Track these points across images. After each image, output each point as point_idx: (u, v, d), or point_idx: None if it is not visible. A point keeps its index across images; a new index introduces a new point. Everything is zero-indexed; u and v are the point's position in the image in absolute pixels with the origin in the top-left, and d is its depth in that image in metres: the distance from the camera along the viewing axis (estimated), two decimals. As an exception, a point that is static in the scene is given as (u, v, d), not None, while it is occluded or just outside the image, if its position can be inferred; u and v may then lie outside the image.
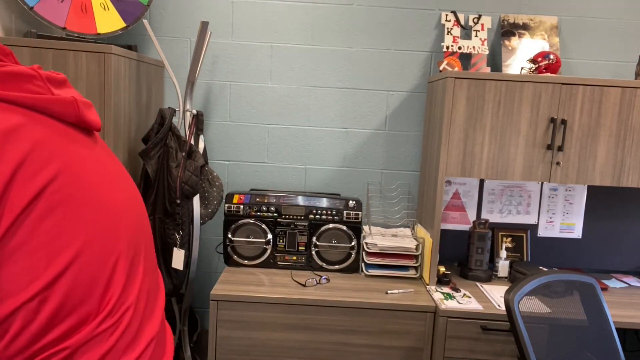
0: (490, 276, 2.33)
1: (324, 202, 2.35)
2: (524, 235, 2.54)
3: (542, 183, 2.54)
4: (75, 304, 0.65)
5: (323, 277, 2.21)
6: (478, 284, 2.28)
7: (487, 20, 2.40)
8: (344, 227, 2.32)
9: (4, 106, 0.64)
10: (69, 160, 0.68)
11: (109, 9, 2.15)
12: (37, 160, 0.63)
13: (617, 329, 2.27)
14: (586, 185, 2.55)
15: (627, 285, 2.37)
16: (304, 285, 2.14)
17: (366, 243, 2.30)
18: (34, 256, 0.62)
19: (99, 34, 2.13)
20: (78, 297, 0.66)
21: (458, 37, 2.40)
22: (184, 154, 2.11)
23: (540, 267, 2.28)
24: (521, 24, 2.42)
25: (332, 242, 2.33)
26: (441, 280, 2.22)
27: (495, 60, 2.49)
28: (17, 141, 0.62)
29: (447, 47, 2.37)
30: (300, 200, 2.35)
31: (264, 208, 2.32)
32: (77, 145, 0.72)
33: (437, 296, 2.07)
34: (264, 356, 2.03)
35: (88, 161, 0.72)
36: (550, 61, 2.21)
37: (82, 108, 0.74)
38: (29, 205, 0.61)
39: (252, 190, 2.48)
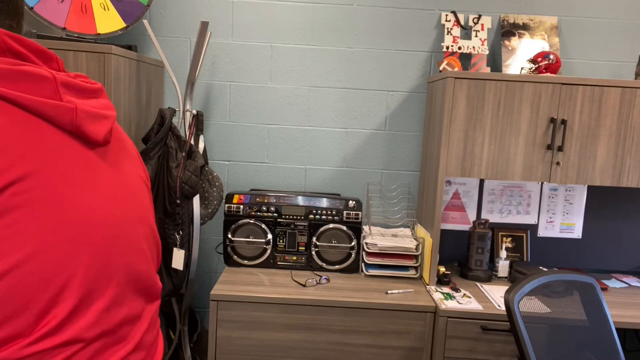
0: (490, 276, 2.33)
1: (324, 202, 2.35)
2: (524, 235, 2.54)
3: (542, 183, 2.54)
4: (5, 316, 0.61)
5: (323, 277, 2.21)
6: (478, 284, 2.28)
7: (487, 20, 2.40)
8: (344, 227, 2.32)
9: None
10: (47, 166, 0.65)
11: (109, 9, 2.15)
12: (3, 160, 0.61)
13: (617, 329, 2.27)
14: (586, 185, 2.55)
15: (627, 285, 2.37)
16: (304, 285, 2.14)
17: (366, 243, 2.30)
18: None
19: (99, 34, 2.13)
20: (10, 309, 0.61)
21: (458, 37, 2.40)
22: (184, 154, 2.11)
23: (540, 267, 2.28)
24: (521, 24, 2.42)
25: (332, 242, 2.33)
26: (441, 280, 2.22)
27: (495, 60, 2.49)
28: None
29: (447, 47, 2.37)
30: (300, 200, 2.35)
31: (264, 208, 2.32)
32: (66, 153, 0.69)
33: (437, 296, 2.07)
34: (264, 356, 2.03)
35: (74, 172, 0.69)
36: (550, 61, 2.21)
37: (83, 118, 0.70)
38: None
39: (252, 190, 2.48)
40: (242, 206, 2.32)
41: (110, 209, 0.74)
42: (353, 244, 2.32)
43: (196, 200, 2.21)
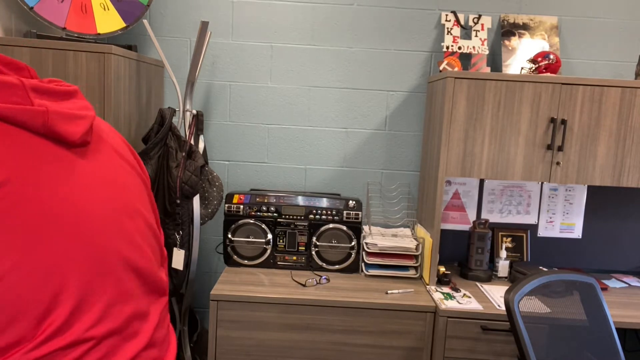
0: (490, 276, 2.33)
1: (324, 202, 2.35)
2: (524, 235, 2.54)
3: (542, 183, 2.54)
4: (4, 322, 0.60)
5: (323, 277, 2.21)
6: (478, 284, 2.28)
7: (487, 20, 2.40)
8: (344, 227, 2.32)
9: None
10: (25, 171, 0.65)
11: (109, 9, 2.15)
12: None
13: (617, 329, 2.27)
14: (586, 185, 2.55)
15: (627, 285, 2.37)
16: (304, 285, 2.14)
17: (366, 243, 2.30)
18: None
19: (99, 34, 2.13)
20: (7, 316, 0.60)
21: (458, 37, 2.40)
22: (184, 154, 2.11)
23: (540, 267, 2.28)
24: (521, 24, 2.42)
25: (332, 242, 2.33)
26: (441, 280, 2.22)
27: (495, 60, 2.49)
28: None
29: (447, 47, 2.37)
30: (300, 200, 2.35)
31: (264, 208, 2.32)
32: (42, 157, 0.68)
33: (437, 296, 2.07)
34: (264, 356, 2.03)
35: (54, 174, 0.69)
36: (550, 61, 2.21)
37: (55, 119, 0.70)
38: None
39: (252, 190, 2.48)
40: (242, 206, 2.32)
41: (97, 206, 0.73)
42: (353, 244, 2.32)
43: (196, 200, 2.21)
